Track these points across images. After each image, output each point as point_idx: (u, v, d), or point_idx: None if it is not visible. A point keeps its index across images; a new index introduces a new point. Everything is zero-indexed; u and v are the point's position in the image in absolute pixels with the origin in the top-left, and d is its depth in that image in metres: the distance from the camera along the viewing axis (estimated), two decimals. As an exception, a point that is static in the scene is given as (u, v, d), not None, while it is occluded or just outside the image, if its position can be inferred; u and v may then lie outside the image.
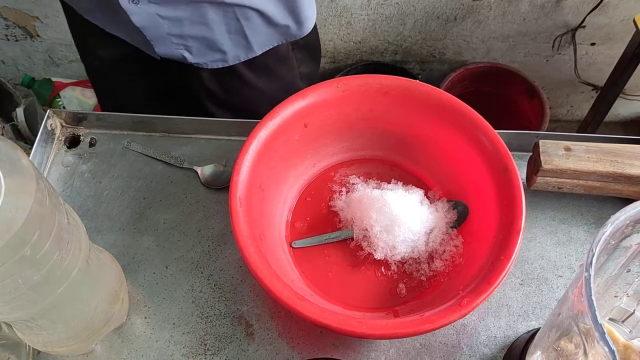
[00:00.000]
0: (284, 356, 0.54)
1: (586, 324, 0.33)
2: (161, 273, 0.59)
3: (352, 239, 0.59)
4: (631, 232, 0.38)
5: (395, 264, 0.58)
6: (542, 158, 0.58)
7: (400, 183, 0.62)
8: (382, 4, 1.39)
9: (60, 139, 0.70)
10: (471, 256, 0.55)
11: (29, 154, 0.65)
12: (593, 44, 1.49)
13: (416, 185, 0.62)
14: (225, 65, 0.75)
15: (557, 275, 0.58)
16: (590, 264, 0.33)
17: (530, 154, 0.62)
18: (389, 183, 0.62)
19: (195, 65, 0.74)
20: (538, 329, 0.49)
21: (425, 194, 0.61)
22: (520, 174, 0.54)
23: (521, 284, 0.58)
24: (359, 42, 1.52)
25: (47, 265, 0.40)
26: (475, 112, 0.57)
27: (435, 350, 0.54)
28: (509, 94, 1.56)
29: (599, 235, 0.34)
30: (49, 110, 0.69)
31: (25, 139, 1.36)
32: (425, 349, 0.54)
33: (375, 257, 0.57)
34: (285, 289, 0.47)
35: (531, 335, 0.51)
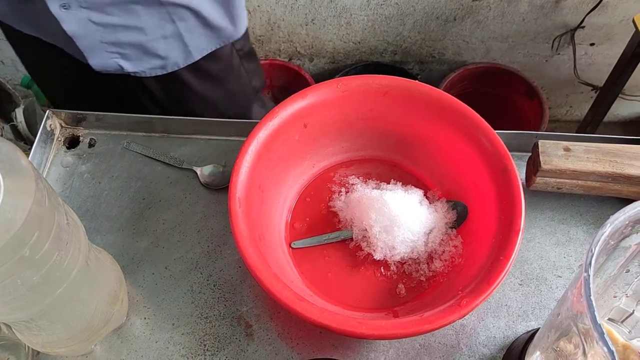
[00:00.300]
0: (283, 356, 0.54)
1: (585, 324, 0.33)
2: (160, 273, 0.59)
3: (352, 239, 0.59)
4: (630, 233, 0.38)
5: (394, 264, 0.58)
6: (542, 158, 0.58)
7: (400, 183, 0.62)
8: (382, 5, 1.39)
9: (59, 139, 0.70)
10: (470, 256, 0.55)
11: (28, 155, 0.65)
12: (592, 44, 1.49)
13: (415, 186, 0.62)
14: (164, 73, 0.74)
15: (557, 275, 0.58)
16: (590, 265, 0.33)
17: (530, 154, 0.62)
18: (389, 183, 0.62)
19: (133, 75, 0.73)
20: (537, 330, 0.49)
21: (424, 194, 0.61)
22: (520, 174, 0.54)
23: (520, 284, 0.58)
24: (359, 43, 1.52)
25: (47, 266, 0.40)
26: (474, 113, 0.57)
27: (435, 351, 0.54)
28: (508, 94, 1.56)
29: (598, 236, 0.34)
30: (49, 110, 0.69)
31: (24, 140, 1.36)
32: (425, 350, 0.54)
33: (375, 258, 0.57)
34: (285, 289, 0.47)
35: (530, 336, 0.51)
